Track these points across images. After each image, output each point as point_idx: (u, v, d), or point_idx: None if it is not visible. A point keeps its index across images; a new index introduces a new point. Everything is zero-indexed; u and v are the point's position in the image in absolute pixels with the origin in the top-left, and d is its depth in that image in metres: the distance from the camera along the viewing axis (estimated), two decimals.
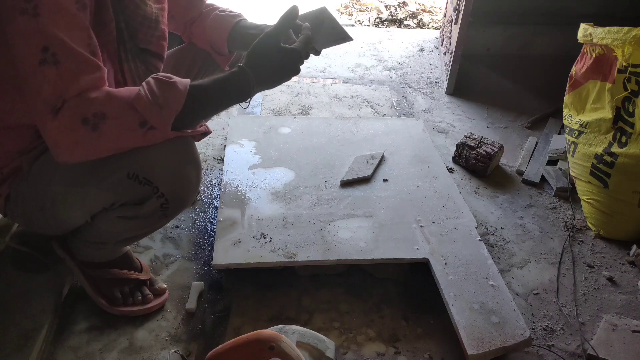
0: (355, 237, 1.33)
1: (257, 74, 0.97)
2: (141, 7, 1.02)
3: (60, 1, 0.83)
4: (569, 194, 1.68)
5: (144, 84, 0.90)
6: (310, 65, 2.45)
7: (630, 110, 1.44)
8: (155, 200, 0.98)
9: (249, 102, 1.00)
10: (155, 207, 1.00)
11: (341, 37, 1.19)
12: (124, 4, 0.98)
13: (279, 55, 0.99)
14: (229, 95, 0.98)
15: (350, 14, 3.32)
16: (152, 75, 0.92)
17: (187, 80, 0.92)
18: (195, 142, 1.02)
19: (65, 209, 1.01)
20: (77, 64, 0.85)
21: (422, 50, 2.74)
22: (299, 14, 1.10)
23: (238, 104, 1.01)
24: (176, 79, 0.91)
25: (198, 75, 1.38)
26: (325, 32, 1.15)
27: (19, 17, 0.81)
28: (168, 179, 0.97)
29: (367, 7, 3.35)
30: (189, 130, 0.97)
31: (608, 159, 1.48)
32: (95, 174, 0.95)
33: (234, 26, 1.25)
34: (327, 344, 1.06)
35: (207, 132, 1.00)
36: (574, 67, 1.63)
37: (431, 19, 3.27)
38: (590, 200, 1.56)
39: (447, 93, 2.31)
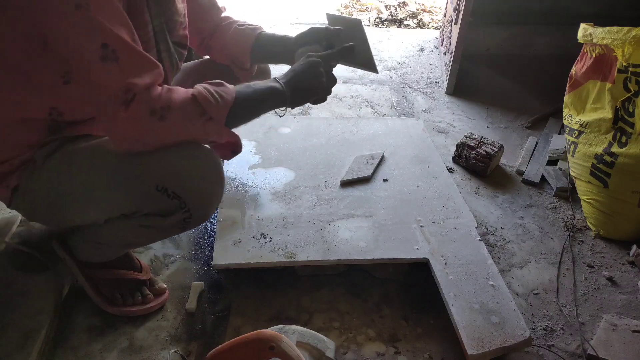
0: (355, 237, 1.33)
1: (293, 92, 1.07)
2: (178, 10, 1.07)
3: None
4: (569, 194, 1.68)
5: (197, 85, 0.97)
6: None
7: (630, 110, 1.44)
8: (180, 215, 0.99)
9: (285, 112, 1.13)
10: (178, 220, 1.01)
11: (366, 62, 1.20)
12: (163, 9, 1.03)
13: (318, 82, 1.09)
14: (269, 101, 1.07)
15: (350, 14, 3.32)
16: (198, 84, 0.98)
17: (231, 84, 1.01)
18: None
19: (79, 208, 1.01)
20: (136, 60, 0.88)
21: (422, 50, 2.74)
22: (332, 13, 1.19)
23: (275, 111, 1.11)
24: (223, 82, 1.00)
25: None
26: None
27: (76, 12, 0.81)
28: (197, 196, 0.99)
29: (367, 7, 3.35)
30: (235, 139, 1.03)
31: (608, 159, 1.48)
32: (123, 180, 0.96)
33: (255, 39, 1.28)
34: (327, 344, 1.06)
35: (239, 151, 1.06)
36: (574, 67, 1.63)
37: (431, 19, 3.27)
38: (590, 200, 1.56)
39: (447, 93, 2.31)
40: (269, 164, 1.59)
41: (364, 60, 1.20)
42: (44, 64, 0.89)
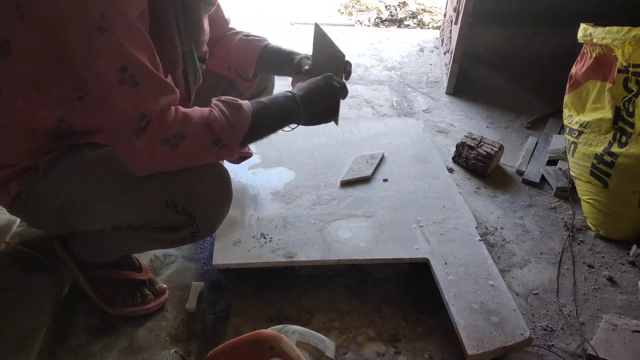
0: (355, 237, 1.33)
1: (307, 113, 1.04)
2: (205, 30, 1.07)
3: (131, 19, 0.83)
4: (569, 194, 1.68)
5: (213, 105, 0.94)
6: None
7: (630, 110, 1.44)
8: (188, 230, 0.99)
9: (294, 128, 1.07)
10: (186, 235, 1.00)
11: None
12: (192, 32, 1.03)
13: (329, 102, 1.07)
14: (282, 122, 1.04)
15: (350, 14, 3.32)
16: (216, 98, 0.96)
17: (248, 103, 0.98)
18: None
19: (85, 217, 1.00)
20: (155, 85, 0.87)
21: (422, 50, 2.74)
22: (321, 29, 1.16)
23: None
24: (240, 101, 0.96)
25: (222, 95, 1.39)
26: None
27: (97, 34, 0.80)
28: (206, 212, 0.99)
29: (367, 7, 3.35)
30: (246, 150, 1.02)
31: (608, 159, 1.48)
32: (133, 194, 0.94)
33: (261, 52, 1.28)
34: (327, 344, 1.06)
35: (251, 154, 1.06)
36: (574, 67, 1.63)
37: (431, 19, 3.27)
38: (590, 200, 1.56)
39: (447, 93, 2.31)
40: (269, 164, 1.59)
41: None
42: (57, 78, 0.90)
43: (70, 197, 0.97)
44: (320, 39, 1.16)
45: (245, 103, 0.96)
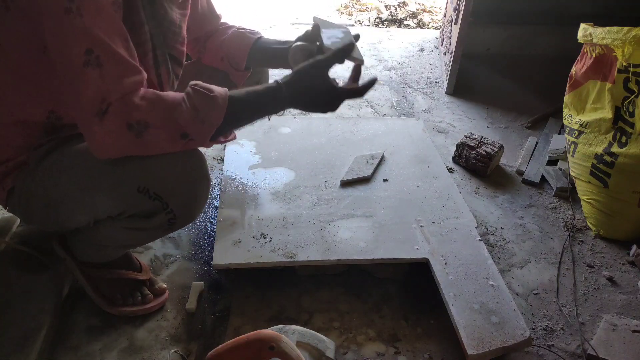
0: (355, 237, 1.33)
1: (293, 96, 0.98)
2: (168, 12, 1.03)
3: (100, 2, 0.83)
4: (569, 194, 1.68)
5: (184, 95, 0.91)
6: None
7: (630, 110, 1.44)
8: (163, 216, 0.98)
9: (282, 113, 1.03)
10: (163, 221, 0.99)
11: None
12: (155, 8, 0.99)
13: (322, 87, 0.98)
14: (264, 110, 1.00)
15: (350, 13, 3.32)
16: (191, 85, 0.92)
17: (226, 93, 0.93)
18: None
19: (69, 210, 1.00)
20: (119, 67, 0.86)
21: (422, 50, 2.74)
22: (320, 18, 1.12)
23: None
24: (216, 91, 0.92)
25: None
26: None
27: (64, 16, 0.80)
28: (179, 196, 0.97)
29: (367, 7, 3.35)
30: (222, 139, 0.99)
31: (608, 159, 1.48)
32: (106, 182, 0.94)
33: (254, 42, 1.27)
34: (327, 344, 1.06)
35: (233, 138, 1.02)
36: (574, 67, 1.63)
37: (431, 19, 3.27)
38: (590, 200, 1.56)
39: (447, 93, 2.31)
40: (269, 164, 1.59)
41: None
42: (45, 69, 0.89)
43: (56, 190, 0.97)
44: (323, 24, 1.14)
45: (220, 95, 0.92)
